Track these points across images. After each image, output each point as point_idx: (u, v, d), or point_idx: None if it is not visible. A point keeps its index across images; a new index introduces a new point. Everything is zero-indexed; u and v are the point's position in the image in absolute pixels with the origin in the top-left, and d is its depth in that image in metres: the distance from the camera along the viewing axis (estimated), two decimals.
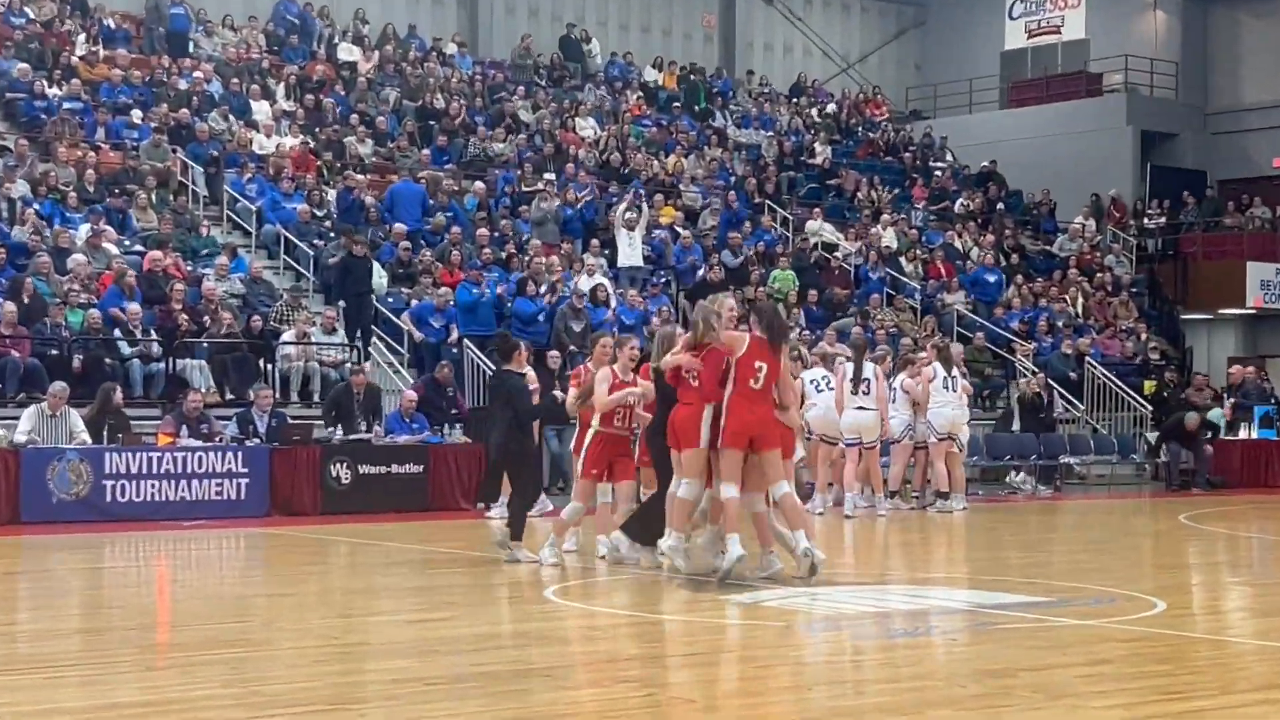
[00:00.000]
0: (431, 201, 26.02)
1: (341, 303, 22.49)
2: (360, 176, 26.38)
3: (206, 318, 21.01)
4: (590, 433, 12.25)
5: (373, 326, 22.81)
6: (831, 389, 18.96)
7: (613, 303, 24.18)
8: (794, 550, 11.26)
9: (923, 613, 10.33)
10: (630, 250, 26.26)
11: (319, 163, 26.93)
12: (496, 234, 26.00)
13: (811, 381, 18.90)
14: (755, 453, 11.09)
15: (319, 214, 25.20)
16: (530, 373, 13.63)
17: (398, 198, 25.73)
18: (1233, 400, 26.44)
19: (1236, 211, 35.14)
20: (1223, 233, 35.05)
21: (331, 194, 25.90)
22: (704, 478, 11.20)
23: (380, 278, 23.63)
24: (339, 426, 19.42)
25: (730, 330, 11.32)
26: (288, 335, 21.53)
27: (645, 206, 27.18)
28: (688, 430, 11.08)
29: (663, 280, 26.13)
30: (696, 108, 34.63)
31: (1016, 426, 24.46)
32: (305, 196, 25.32)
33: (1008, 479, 24.43)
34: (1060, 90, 38.97)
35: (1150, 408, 26.80)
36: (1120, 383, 27.17)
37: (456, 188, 27.08)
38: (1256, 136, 37.18)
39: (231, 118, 27.52)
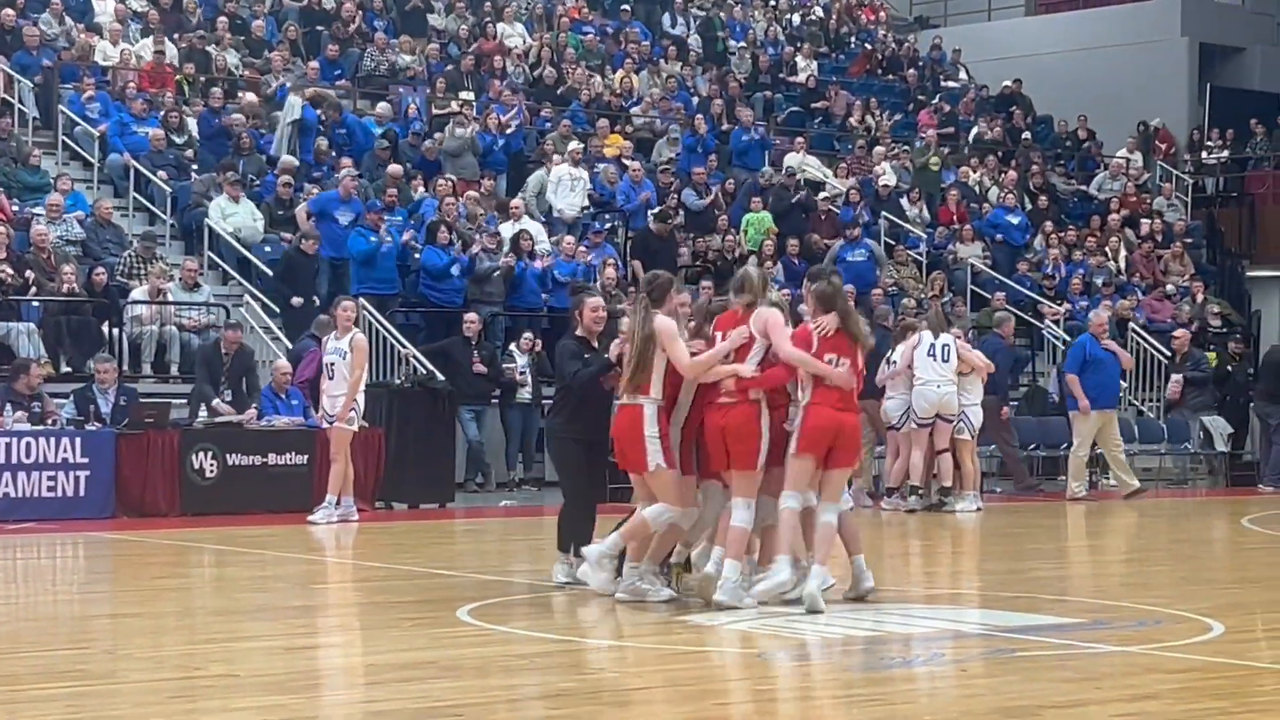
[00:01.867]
0: (320, 125, 25.94)
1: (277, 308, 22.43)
2: (252, 98, 26.16)
3: (31, 271, 20.82)
4: (652, 409, 11.30)
5: (244, 282, 22.74)
6: None
7: (539, 253, 24.18)
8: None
9: (925, 637, 10.37)
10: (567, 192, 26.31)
11: (178, 77, 26.75)
12: (409, 167, 25.94)
13: None
14: (825, 467, 11.13)
15: (178, 141, 25.04)
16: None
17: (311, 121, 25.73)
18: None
19: None
20: None
21: (192, 119, 25.70)
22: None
23: (256, 220, 23.54)
24: (212, 398, 19.30)
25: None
26: (139, 293, 21.40)
27: None
28: (752, 443, 11.09)
29: (606, 226, 26.12)
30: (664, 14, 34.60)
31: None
32: (161, 119, 25.16)
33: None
34: None
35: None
36: (1171, 354, 27.32)
37: (352, 108, 26.99)
38: None
39: (68, 19, 27.30)
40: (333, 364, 17.94)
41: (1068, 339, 26.39)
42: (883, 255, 27.44)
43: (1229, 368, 27.34)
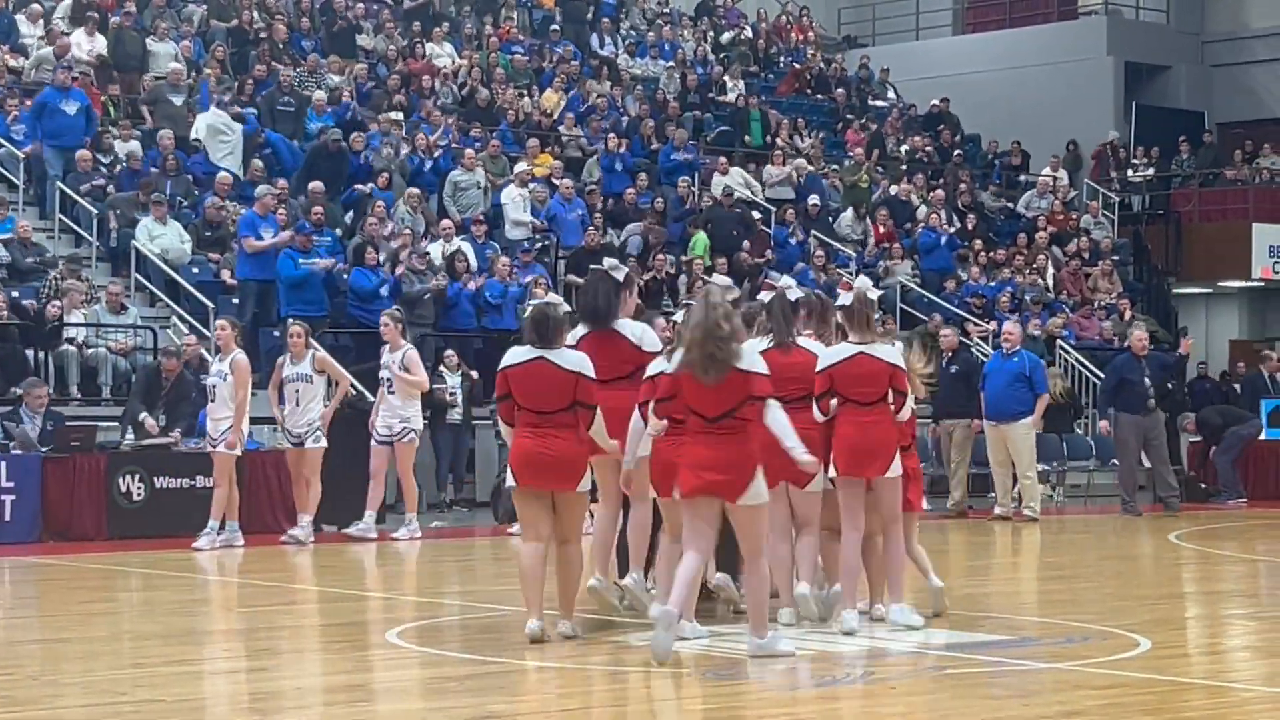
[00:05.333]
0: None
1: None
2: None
3: None
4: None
5: (176, 306, 22.64)
6: None
7: (473, 272, 24.14)
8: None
9: (855, 655, 10.39)
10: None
11: (104, 98, 26.60)
12: (346, 190, 25.88)
13: None
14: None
15: (104, 161, 24.88)
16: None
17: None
18: None
19: (1241, 161, 35.65)
20: (1224, 187, 35.55)
21: (118, 140, 25.53)
22: None
23: (184, 242, 23.43)
24: (141, 421, 19.17)
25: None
26: (74, 315, 21.26)
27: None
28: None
29: (537, 245, 26.10)
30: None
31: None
32: (90, 141, 24.96)
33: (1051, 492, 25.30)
34: (1027, 12, 39.36)
35: None
36: (1099, 371, 27.46)
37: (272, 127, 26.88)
38: (1264, 70, 37.72)
39: None
40: (214, 386, 17.73)
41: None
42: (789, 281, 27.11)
43: (1168, 385, 27.45)
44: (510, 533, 18.78)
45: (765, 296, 11.08)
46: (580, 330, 11.21)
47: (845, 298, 11.22)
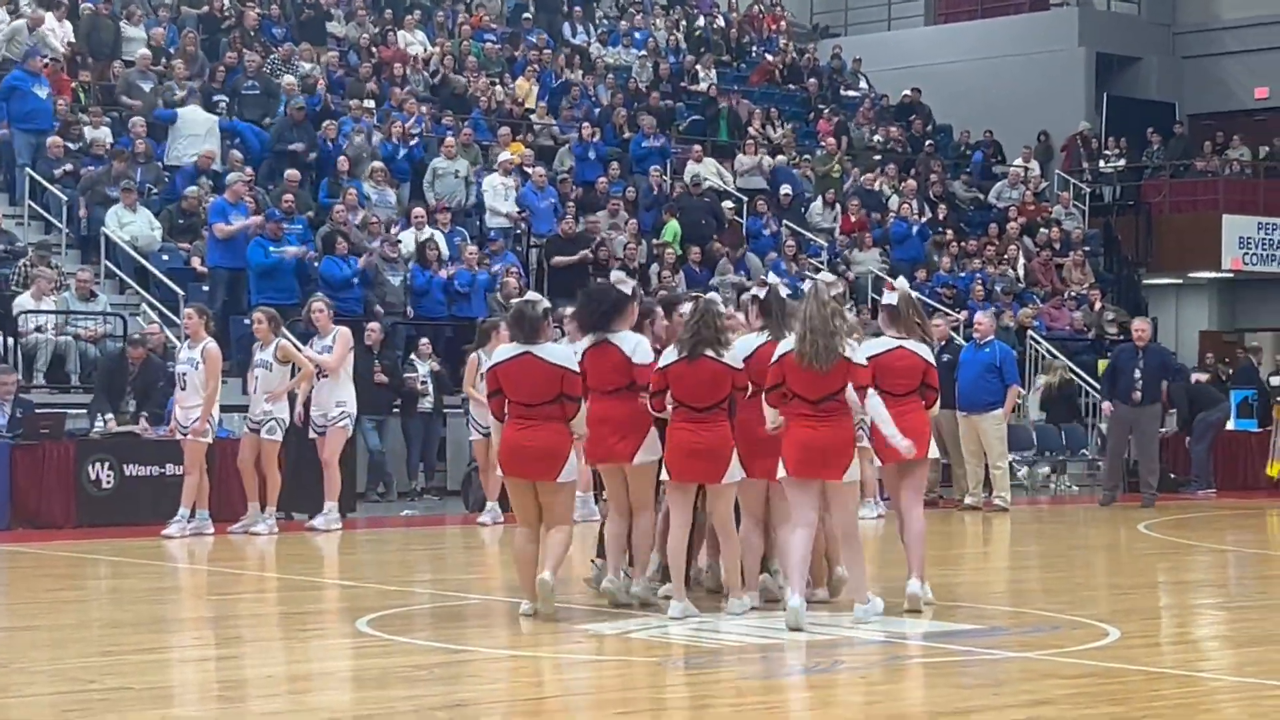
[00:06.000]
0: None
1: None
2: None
3: None
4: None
5: (146, 293, 22.58)
6: None
7: (446, 262, 24.10)
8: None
9: (824, 645, 10.40)
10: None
11: (74, 84, 26.49)
12: (313, 175, 25.79)
13: None
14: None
15: (72, 148, 24.78)
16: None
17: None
18: None
19: (1211, 153, 35.73)
20: (1194, 179, 35.63)
21: (88, 126, 25.44)
22: None
23: (154, 229, 23.36)
24: (112, 415, 19.11)
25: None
26: (38, 302, 21.18)
27: None
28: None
29: (514, 233, 26.06)
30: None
31: (1033, 417, 24.89)
32: (60, 127, 24.86)
33: (1053, 482, 25.48)
34: (999, 2, 39.40)
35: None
36: (1069, 362, 27.54)
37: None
38: (1234, 61, 37.81)
39: None
40: (184, 374, 17.65)
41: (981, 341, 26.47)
42: (758, 264, 27.17)
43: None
44: (480, 522, 18.78)
45: (760, 293, 11.57)
46: (585, 343, 11.60)
47: (890, 297, 11.88)
